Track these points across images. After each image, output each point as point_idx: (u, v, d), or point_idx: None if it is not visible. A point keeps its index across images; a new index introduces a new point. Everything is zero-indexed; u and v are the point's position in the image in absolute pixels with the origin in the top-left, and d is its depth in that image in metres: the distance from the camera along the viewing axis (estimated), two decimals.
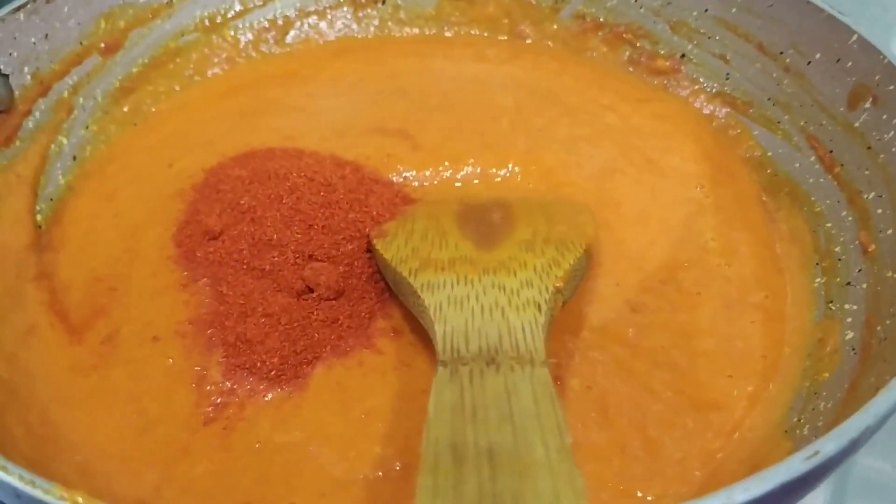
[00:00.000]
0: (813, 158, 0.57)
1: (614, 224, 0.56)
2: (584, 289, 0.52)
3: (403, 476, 0.43)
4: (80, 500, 0.32)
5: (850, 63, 0.54)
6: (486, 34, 0.73)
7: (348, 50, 0.72)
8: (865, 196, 0.52)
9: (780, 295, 0.54)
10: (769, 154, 0.60)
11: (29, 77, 0.59)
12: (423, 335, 0.48)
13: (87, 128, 0.63)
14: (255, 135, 0.62)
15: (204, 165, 0.59)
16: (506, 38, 0.72)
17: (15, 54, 0.58)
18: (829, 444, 0.31)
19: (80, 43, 0.62)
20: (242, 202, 0.55)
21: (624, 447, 0.45)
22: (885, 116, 0.51)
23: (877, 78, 0.52)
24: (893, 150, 0.50)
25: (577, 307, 0.51)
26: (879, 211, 0.50)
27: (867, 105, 0.53)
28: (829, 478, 0.54)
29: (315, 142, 0.61)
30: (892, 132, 0.50)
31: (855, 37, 0.54)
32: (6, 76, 0.58)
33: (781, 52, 0.60)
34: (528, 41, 0.72)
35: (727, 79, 0.64)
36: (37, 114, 0.60)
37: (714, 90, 0.64)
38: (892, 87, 0.51)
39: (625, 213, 0.57)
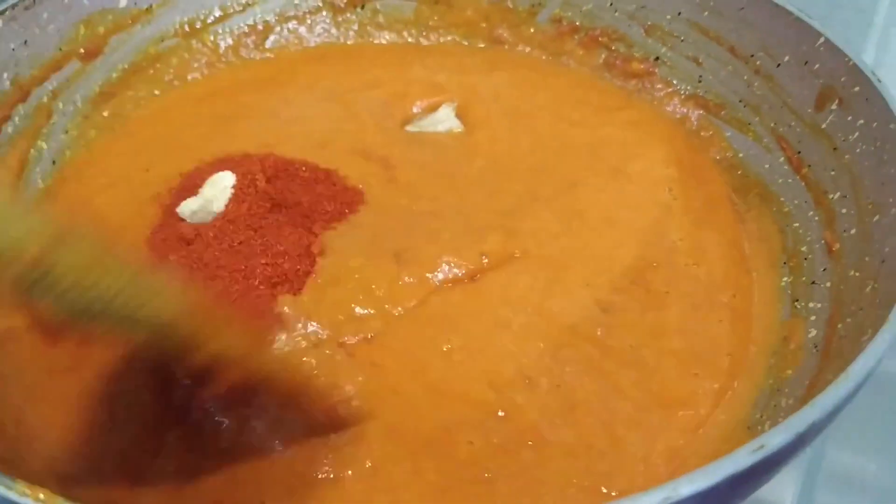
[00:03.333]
0: (782, 159, 0.58)
1: (579, 229, 0.56)
2: (554, 290, 0.53)
3: (373, 473, 0.44)
4: (41, 496, 0.32)
5: (817, 65, 0.55)
6: (465, 42, 0.73)
7: (328, 56, 0.72)
8: (831, 196, 0.52)
9: (748, 294, 0.54)
10: (740, 155, 0.61)
11: (8, 83, 0.60)
12: None
13: (66, 132, 0.64)
14: (232, 140, 0.63)
15: (181, 170, 0.60)
16: (484, 45, 0.73)
17: None
18: (775, 438, 0.32)
19: (60, 49, 0.63)
20: None
21: (590, 445, 0.46)
22: (850, 118, 0.52)
23: (843, 80, 0.53)
24: (858, 150, 0.51)
25: (548, 308, 0.52)
26: (844, 210, 0.51)
27: (833, 107, 0.53)
28: (800, 471, 0.56)
29: (293, 150, 0.62)
30: (857, 133, 0.51)
31: (822, 39, 0.54)
32: None
33: (752, 55, 0.60)
34: (506, 47, 0.73)
35: (700, 81, 0.65)
36: (16, 119, 0.61)
37: (687, 93, 0.65)
38: (857, 89, 0.51)
39: (589, 219, 0.57)
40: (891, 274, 0.43)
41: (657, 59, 0.67)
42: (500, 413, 0.47)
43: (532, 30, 0.72)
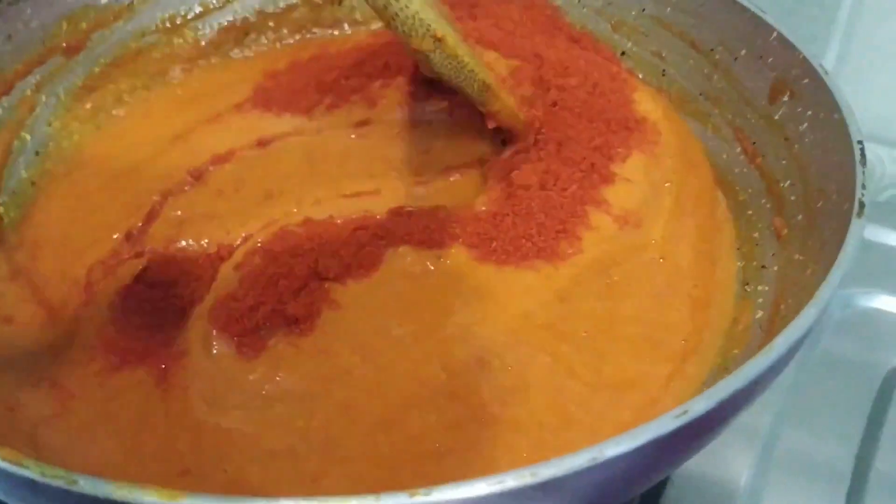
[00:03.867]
0: (738, 150, 0.59)
1: None
2: (514, 279, 0.54)
3: (326, 448, 0.46)
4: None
5: (771, 59, 0.57)
6: None
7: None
8: (782, 184, 0.54)
9: (709, 284, 0.55)
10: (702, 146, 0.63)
11: None
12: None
13: (49, 124, 0.66)
14: (220, 139, 0.65)
15: (171, 167, 0.62)
16: None
17: None
18: (698, 404, 0.34)
19: (43, 44, 0.65)
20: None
21: (541, 422, 0.47)
22: (799, 109, 0.54)
23: (794, 73, 0.55)
24: (806, 140, 0.53)
25: (505, 298, 0.53)
26: (793, 198, 0.53)
27: (785, 98, 0.55)
28: (754, 452, 0.57)
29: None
30: (806, 124, 0.53)
31: (775, 34, 0.56)
32: None
33: (712, 49, 0.62)
34: None
35: (664, 75, 0.66)
36: (0, 111, 0.62)
37: (652, 86, 0.67)
38: (806, 81, 0.53)
39: None
40: (828, 256, 0.45)
41: (623, 53, 0.69)
42: (452, 392, 0.48)
43: None
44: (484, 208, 0.56)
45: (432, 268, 0.53)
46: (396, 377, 0.49)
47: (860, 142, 0.46)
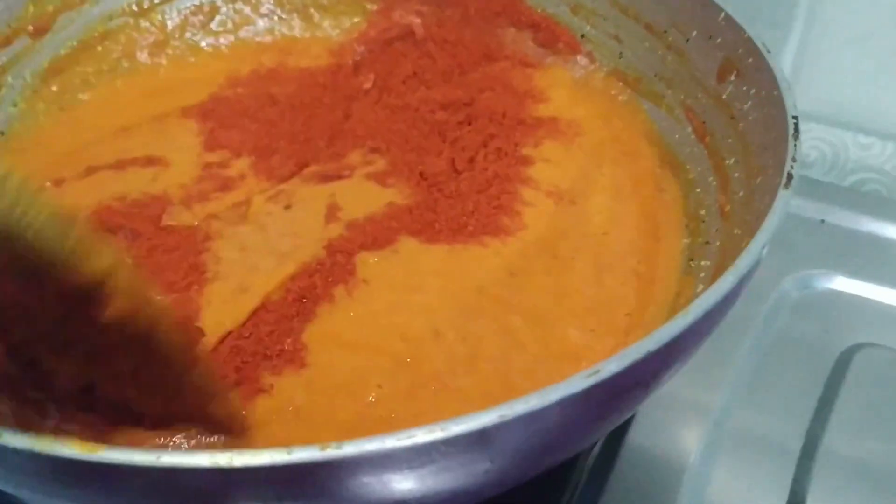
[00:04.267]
0: (689, 130, 0.60)
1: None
2: (466, 255, 0.56)
3: (295, 417, 0.47)
4: None
5: (719, 39, 0.58)
6: None
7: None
8: (727, 161, 0.55)
9: (654, 260, 0.57)
10: (655, 127, 0.64)
11: None
12: None
13: (15, 105, 0.67)
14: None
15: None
16: None
17: None
18: (610, 365, 0.35)
19: (9, 25, 0.66)
20: None
21: (486, 391, 0.49)
22: (744, 88, 0.55)
23: (739, 52, 0.55)
24: (750, 118, 0.54)
25: (458, 273, 0.55)
26: (736, 175, 0.54)
27: (732, 78, 0.56)
28: (703, 430, 0.58)
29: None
30: (750, 102, 0.54)
31: (722, 14, 0.57)
32: None
33: (665, 31, 0.63)
34: None
35: (620, 57, 0.67)
36: None
37: (609, 69, 0.68)
38: (751, 60, 0.54)
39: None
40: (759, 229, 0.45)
41: (583, 36, 0.70)
42: (408, 360, 0.50)
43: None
44: (407, 202, 0.58)
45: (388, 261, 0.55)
46: (359, 349, 0.51)
47: (795, 117, 0.47)
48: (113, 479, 0.33)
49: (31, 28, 0.67)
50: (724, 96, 0.57)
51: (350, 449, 0.32)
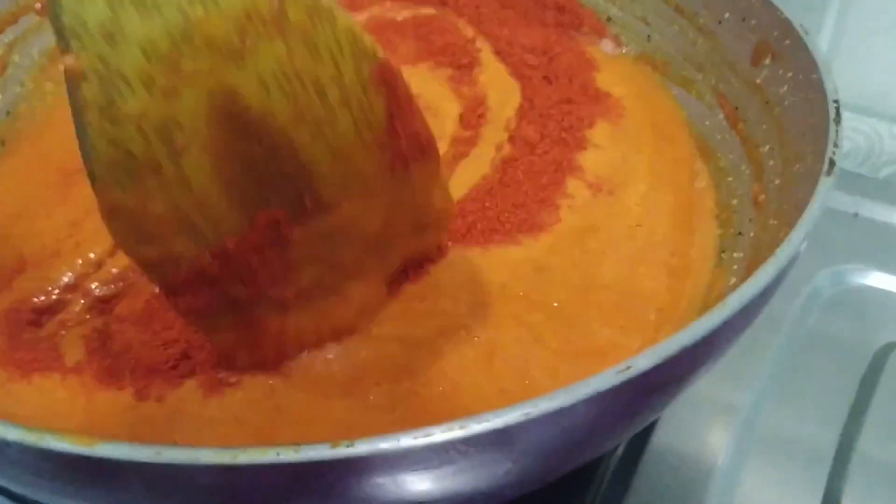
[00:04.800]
0: (721, 116, 0.58)
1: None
2: (497, 257, 0.53)
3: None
4: None
5: (753, 21, 0.55)
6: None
7: None
8: (761, 149, 0.53)
9: (687, 253, 0.54)
10: (684, 113, 0.61)
11: None
12: None
13: (22, 85, 0.65)
14: None
15: None
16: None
17: None
18: (642, 360, 0.32)
19: (16, 3, 0.64)
20: None
21: (503, 388, 0.46)
22: (780, 71, 0.52)
23: (775, 34, 0.53)
24: (786, 103, 0.51)
25: (486, 275, 0.52)
26: (771, 163, 0.51)
27: (767, 61, 0.54)
28: (732, 429, 0.56)
29: None
30: (786, 86, 0.51)
31: None
32: None
33: (696, 13, 0.61)
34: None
35: (649, 41, 0.65)
36: None
37: (637, 52, 0.65)
38: (787, 42, 0.52)
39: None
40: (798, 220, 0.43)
41: (609, 19, 0.67)
42: (409, 364, 0.47)
43: None
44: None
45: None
46: (357, 346, 0.48)
47: (836, 101, 0.45)
48: (111, 474, 0.31)
49: (38, 5, 0.65)
50: (758, 80, 0.54)
51: (363, 447, 0.30)
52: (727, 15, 0.58)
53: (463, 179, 0.57)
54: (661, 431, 0.55)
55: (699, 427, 0.57)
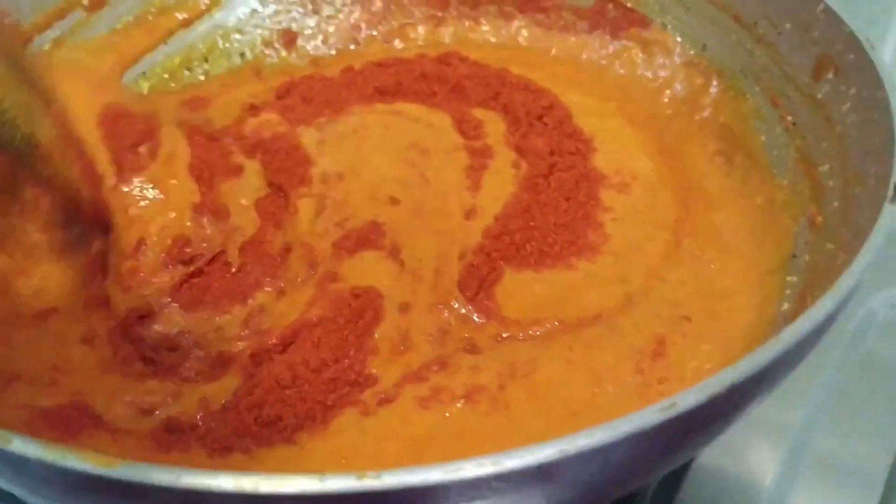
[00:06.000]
0: (778, 131, 0.56)
1: None
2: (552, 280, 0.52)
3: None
4: None
5: (816, 33, 0.53)
6: None
7: None
8: (820, 168, 0.51)
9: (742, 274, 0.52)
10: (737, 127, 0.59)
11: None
12: None
13: None
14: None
15: None
16: None
17: None
18: (687, 398, 0.31)
19: None
20: None
21: (541, 411, 0.45)
22: (843, 87, 0.50)
23: (839, 48, 0.51)
24: (848, 121, 0.49)
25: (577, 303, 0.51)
26: (831, 183, 0.49)
27: (830, 76, 0.51)
28: (781, 452, 0.54)
29: None
30: (849, 103, 0.49)
31: (821, 6, 0.52)
32: None
33: (755, 23, 0.58)
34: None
35: (704, 50, 0.63)
36: None
37: (690, 60, 0.63)
38: (851, 57, 0.49)
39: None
40: (861, 245, 0.41)
41: (663, 25, 0.65)
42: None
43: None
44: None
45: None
46: None
47: None
48: (128, 495, 0.30)
49: (86, 2, 0.65)
50: (819, 95, 0.52)
51: (390, 480, 0.28)
52: (788, 26, 0.55)
53: (496, 193, 0.56)
54: (705, 450, 0.53)
55: (746, 447, 0.55)
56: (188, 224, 0.52)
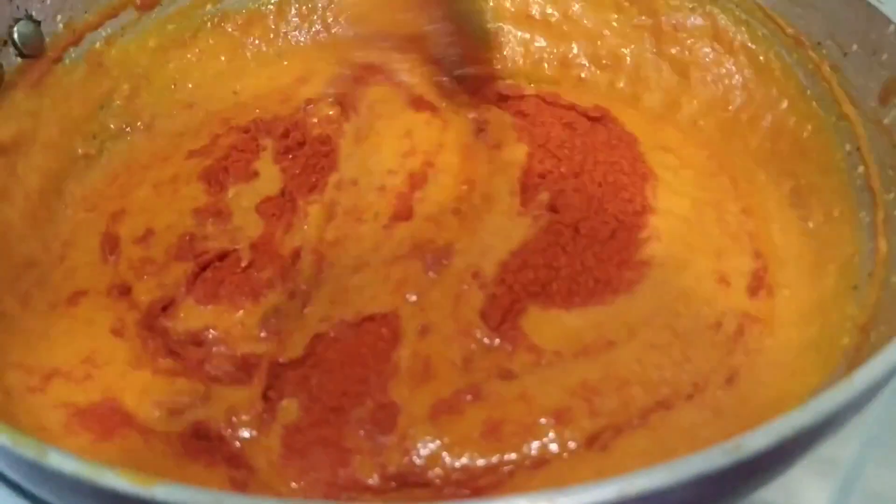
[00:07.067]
0: (839, 156, 0.54)
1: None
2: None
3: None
4: None
5: (885, 55, 0.51)
6: None
7: None
8: (886, 196, 0.49)
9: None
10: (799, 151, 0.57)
11: (61, 26, 0.60)
12: None
13: None
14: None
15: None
16: None
17: (48, 1, 0.59)
18: (755, 440, 0.29)
19: None
20: None
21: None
22: None
23: None
24: None
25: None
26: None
27: None
28: (832, 483, 0.52)
29: None
30: None
31: (892, 27, 0.50)
32: (38, 22, 0.59)
33: (819, 43, 0.56)
34: None
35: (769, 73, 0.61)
36: (67, 61, 0.61)
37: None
38: None
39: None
40: None
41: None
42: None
43: None
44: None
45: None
46: None
47: None
48: None
49: (138, 1, 0.64)
50: (885, 121, 0.50)
51: None
52: (855, 47, 0.53)
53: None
54: None
55: (793, 481, 0.53)
56: (191, 222, 0.54)
